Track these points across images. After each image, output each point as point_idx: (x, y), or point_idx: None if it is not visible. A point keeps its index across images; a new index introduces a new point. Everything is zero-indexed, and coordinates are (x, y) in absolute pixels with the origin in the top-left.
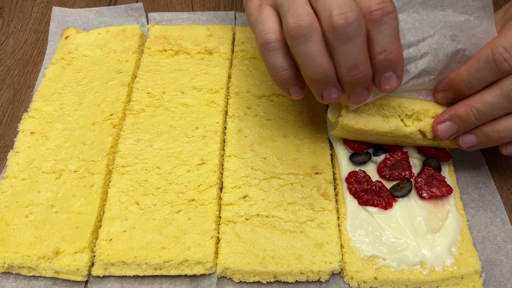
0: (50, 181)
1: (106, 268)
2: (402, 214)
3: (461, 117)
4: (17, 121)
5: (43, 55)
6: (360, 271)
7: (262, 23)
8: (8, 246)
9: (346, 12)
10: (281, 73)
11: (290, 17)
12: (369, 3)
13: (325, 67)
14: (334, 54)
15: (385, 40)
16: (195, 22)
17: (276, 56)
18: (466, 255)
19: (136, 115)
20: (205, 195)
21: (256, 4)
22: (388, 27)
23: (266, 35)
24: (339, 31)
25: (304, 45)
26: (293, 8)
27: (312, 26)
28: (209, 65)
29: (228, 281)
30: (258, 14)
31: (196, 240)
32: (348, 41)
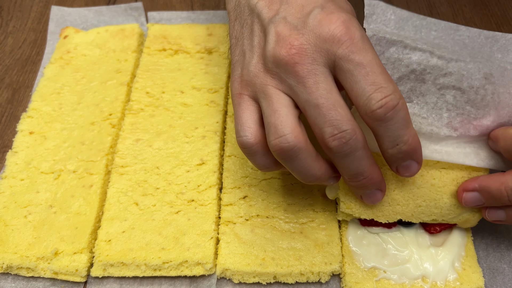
0: (49, 181)
1: (105, 269)
2: (405, 227)
3: (492, 193)
4: (15, 121)
5: (42, 55)
6: (360, 282)
7: (239, 121)
8: (7, 247)
9: (340, 130)
10: (265, 169)
11: (271, 134)
12: (368, 102)
13: (317, 175)
14: (335, 165)
15: (395, 135)
16: (194, 21)
17: (256, 158)
18: (470, 271)
19: (135, 115)
20: (205, 196)
21: (237, 90)
22: (395, 122)
23: (242, 139)
24: (334, 151)
25: (291, 163)
26: (274, 118)
27: (296, 146)
28: (208, 65)
29: (227, 282)
30: (237, 105)
31: (195, 240)
32: (346, 158)
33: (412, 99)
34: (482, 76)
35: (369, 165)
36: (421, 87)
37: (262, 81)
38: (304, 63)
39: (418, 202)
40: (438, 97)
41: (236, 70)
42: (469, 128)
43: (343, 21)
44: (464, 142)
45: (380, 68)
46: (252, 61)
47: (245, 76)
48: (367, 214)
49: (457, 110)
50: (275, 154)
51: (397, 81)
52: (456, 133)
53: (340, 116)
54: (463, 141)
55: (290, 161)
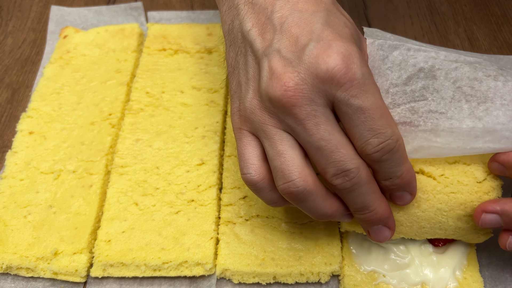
0: (48, 181)
1: (105, 269)
2: None
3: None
4: (15, 121)
5: (42, 55)
6: (358, 285)
7: (242, 157)
8: (7, 247)
9: (343, 170)
10: (273, 204)
11: (279, 178)
12: (365, 146)
13: (329, 213)
14: (340, 196)
15: (389, 172)
16: (194, 21)
17: (263, 194)
18: (470, 280)
19: (135, 115)
20: (205, 196)
21: (237, 124)
22: (390, 162)
23: (246, 176)
24: (338, 188)
25: (302, 204)
26: (279, 162)
27: (306, 190)
28: (208, 64)
29: (227, 282)
30: (238, 140)
31: (195, 241)
32: (350, 193)
33: (427, 96)
34: (497, 68)
35: (375, 199)
36: (434, 83)
37: (260, 119)
38: (301, 105)
39: (422, 224)
40: (454, 90)
41: (235, 102)
42: (498, 115)
43: (342, 58)
44: (491, 134)
45: (381, 111)
46: (248, 96)
47: (243, 111)
48: None
49: (478, 100)
50: (285, 196)
51: (407, 81)
52: (481, 123)
53: (343, 157)
54: (489, 134)
55: (300, 203)
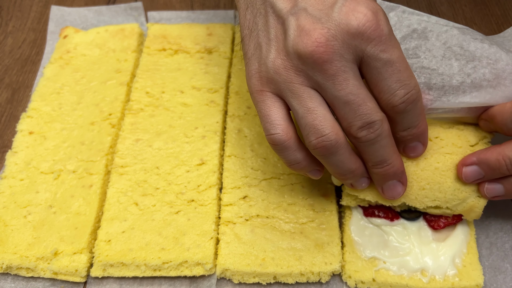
0: (48, 181)
1: (105, 269)
2: (409, 221)
3: (491, 165)
4: (15, 121)
5: (42, 55)
6: (359, 271)
7: (266, 119)
8: (7, 247)
9: (370, 122)
10: (295, 165)
11: (311, 134)
12: (392, 98)
13: (353, 169)
14: (361, 153)
15: (409, 122)
16: (194, 21)
17: (288, 154)
18: (470, 268)
19: (135, 115)
20: (205, 196)
21: (257, 86)
22: (412, 112)
23: (274, 136)
24: (362, 140)
25: (330, 158)
26: (311, 118)
27: (338, 143)
28: (208, 65)
29: (227, 282)
30: (260, 102)
31: (195, 241)
32: (372, 145)
33: (419, 54)
34: (484, 37)
35: (393, 153)
36: (426, 43)
37: (286, 78)
38: (332, 61)
39: (421, 185)
40: (445, 50)
41: (253, 64)
42: (484, 73)
43: (372, 14)
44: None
45: (405, 63)
46: (270, 56)
47: (264, 73)
48: (372, 196)
49: (467, 58)
50: (315, 152)
51: (401, 40)
52: (469, 78)
53: (369, 110)
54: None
55: (329, 157)
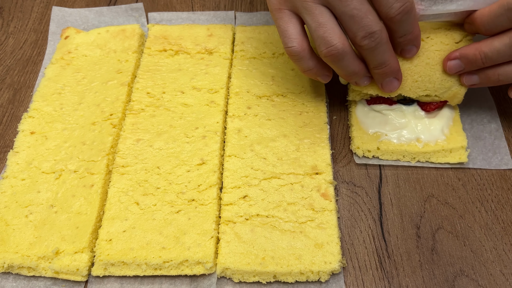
0: (50, 181)
1: (106, 268)
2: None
3: (469, 58)
4: (17, 121)
5: (43, 55)
6: (366, 142)
7: (284, 33)
8: (8, 246)
9: (371, 31)
10: (308, 71)
11: (322, 44)
12: (389, 10)
13: (356, 70)
14: (364, 58)
15: (405, 29)
16: (195, 22)
17: (303, 62)
18: (456, 134)
19: (136, 115)
20: (205, 195)
21: (276, 5)
22: (407, 21)
23: (291, 49)
24: (364, 47)
25: (338, 63)
26: (322, 31)
27: (344, 51)
28: (209, 65)
29: (228, 281)
30: (279, 19)
31: (196, 240)
32: (373, 51)
33: None
34: None
35: (390, 56)
36: None
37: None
38: None
39: (415, 78)
40: None
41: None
42: None
43: None
44: None
45: None
46: None
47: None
48: (373, 90)
49: None
50: (326, 59)
51: None
52: None
53: (370, 22)
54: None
55: (337, 62)
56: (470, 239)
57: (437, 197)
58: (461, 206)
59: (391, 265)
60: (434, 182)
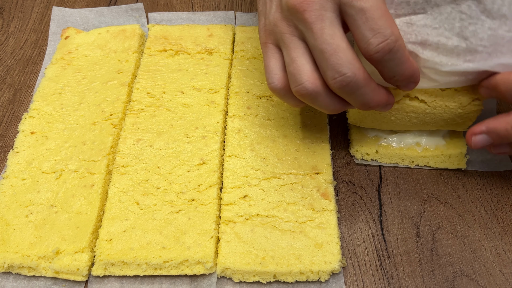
0: (50, 181)
1: (106, 268)
2: None
3: (499, 134)
4: (17, 121)
5: (43, 55)
6: (365, 146)
7: (267, 68)
8: (8, 246)
9: (340, 74)
10: (295, 106)
11: (292, 82)
12: (367, 46)
13: (338, 107)
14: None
15: (392, 71)
16: (195, 22)
17: (287, 99)
18: (456, 140)
19: (136, 115)
20: (205, 195)
21: (262, 39)
22: (392, 61)
23: (271, 85)
24: (336, 90)
25: (312, 103)
26: (292, 67)
27: (314, 91)
28: (209, 65)
29: (228, 281)
30: (264, 54)
31: (196, 240)
32: (351, 95)
33: (427, 10)
34: None
35: (373, 96)
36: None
37: (281, 29)
38: (311, 10)
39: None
40: (453, 7)
41: (261, 20)
42: (482, 38)
43: None
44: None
45: (380, 11)
46: (272, 11)
47: (268, 26)
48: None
49: (470, 20)
50: (298, 96)
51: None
52: (466, 42)
53: (341, 60)
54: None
55: (312, 102)
56: (470, 239)
57: (437, 197)
58: (461, 206)
59: (391, 265)
60: (434, 182)
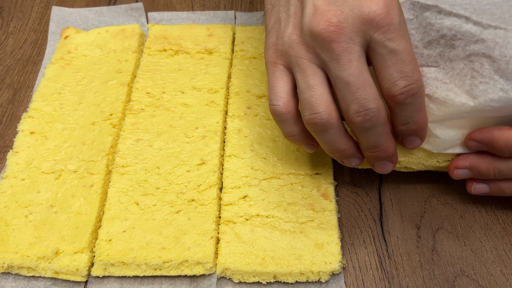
0: (49, 181)
1: (106, 268)
2: None
3: (481, 172)
4: (16, 121)
5: (43, 55)
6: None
7: (272, 89)
8: (8, 246)
9: (365, 108)
10: (290, 137)
11: (306, 109)
12: (392, 87)
13: (342, 149)
14: (355, 135)
15: (408, 116)
16: (195, 21)
17: (285, 125)
18: None
19: (136, 115)
20: (205, 195)
21: (272, 58)
22: (412, 106)
23: (274, 107)
24: (357, 126)
25: (321, 135)
26: (309, 94)
27: (329, 123)
28: (209, 65)
29: (228, 281)
30: (271, 73)
31: (196, 240)
32: (367, 131)
33: (440, 63)
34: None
35: (386, 140)
36: (450, 52)
37: (297, 53)
38: (340, 41)
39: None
40: (466, 63)
41: (271, 37)
42: (492, 99)
43: (384, 4)
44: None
45: (411, 56)
46: (287, 31)
47: (280, 46)
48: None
49: (482, 79)
50: (308, 127)
51: (427, 45)
52: (474, 101)
53: (367, 95)
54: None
55: (320, 134)
56: (470, 239)
57: (437, 197)
58: (461, 206)
59: (391, 265)
60: (434, 182)
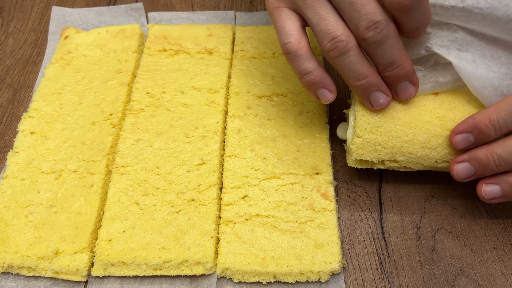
0: (49, 181)
1: (106, 268)
2: None
3: (480, 161)
4: (16, 121)
5: (43, 55)
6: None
7: (281, 30)
8: (8, 246)
9: (374, 21)
10: (306, 76)
11: (325, 39)
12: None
13: (366, 73)
14: (371, 57)
15: (417, 21)
16: (195, 21)
17: (299, 62)
18: None
19: (136, 115)
20: (205, 195)
21: (274, 4)
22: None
23: (287, 45)
24: (369, 42)
25: (343, 61)
26: (324, 24)
27: (349, 45)
28: (209, 65)
29: (228, 281)
30: (277, 17)
31: (196, 240)
32: (380, 45)
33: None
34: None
35: (402, 54)
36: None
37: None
38: None
39: None
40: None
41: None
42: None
43: None
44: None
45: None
46: None
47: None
48: (375, 158)
49: None
50: (329, 55)
51: None
52: (463, 3)
53: (373, 9)
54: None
55: (342, 59)
56: (470, 239)
57: (437, 197)
58: (461, 206)
59: (391, 265)
60: (434, 182)
